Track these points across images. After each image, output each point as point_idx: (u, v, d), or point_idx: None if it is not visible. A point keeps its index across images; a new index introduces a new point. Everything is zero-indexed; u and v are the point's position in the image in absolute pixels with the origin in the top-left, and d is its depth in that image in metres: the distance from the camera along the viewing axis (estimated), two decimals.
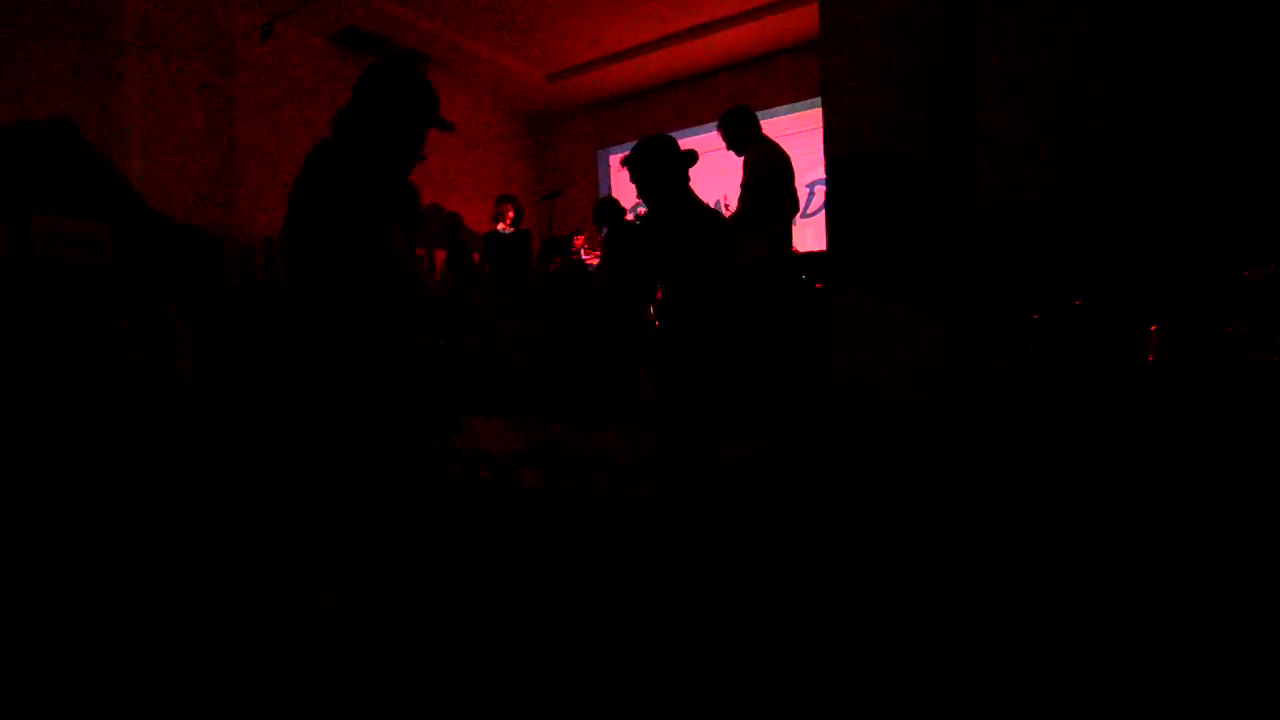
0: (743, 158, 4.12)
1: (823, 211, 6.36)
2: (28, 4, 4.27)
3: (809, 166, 7.07)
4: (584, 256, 5.87)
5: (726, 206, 4.70)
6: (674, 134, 8.90)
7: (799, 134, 7.13)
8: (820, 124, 2.68)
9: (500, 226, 5.26)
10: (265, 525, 3.00)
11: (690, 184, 2.58)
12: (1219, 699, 1.43)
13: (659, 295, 5.99)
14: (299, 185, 1.75)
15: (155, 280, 4.59)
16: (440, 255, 6.84)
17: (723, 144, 4.34)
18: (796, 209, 4.45)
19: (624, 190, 8.71)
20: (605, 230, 5.08)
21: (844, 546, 2.32)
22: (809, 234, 6.88)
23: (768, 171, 4.01)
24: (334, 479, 2.42)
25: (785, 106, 7.24)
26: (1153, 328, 3.15)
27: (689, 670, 1.59)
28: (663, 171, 2.49)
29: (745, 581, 2.10)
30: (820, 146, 2.70)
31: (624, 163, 2.52)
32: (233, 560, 2.57)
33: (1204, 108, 4.18)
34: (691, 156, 2.58)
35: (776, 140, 4.34)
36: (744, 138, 4.13)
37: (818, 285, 4.43)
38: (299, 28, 5.81)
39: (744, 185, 4.04)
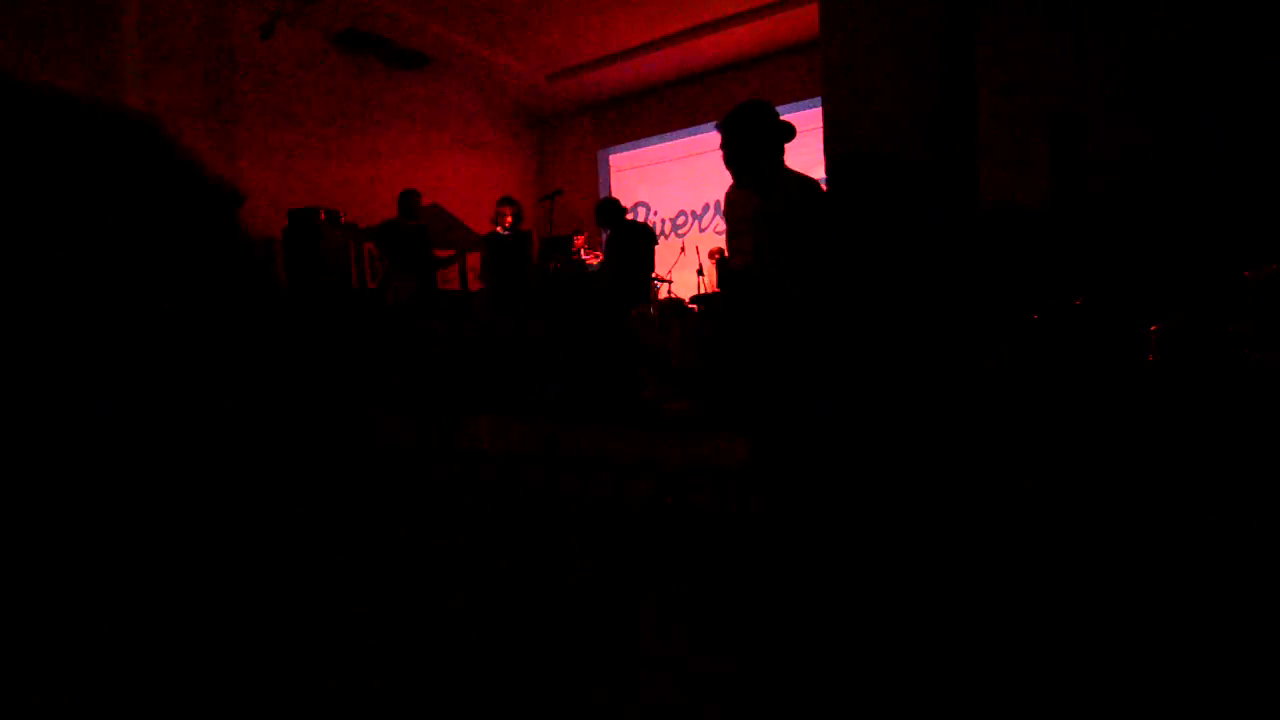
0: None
1: None
2: (28, 4, 4.27)
3: (809, 166, 7.05)
4: (584, 256, 5.87)
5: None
6: (674, 134, 8.83)
7: (799, 134, 7.13)
8: (820, 124, 2.69)
9: (498, 229, 5.27)
10: (263, 525, 3.00)
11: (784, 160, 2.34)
12: (1219, 698, 1.43)
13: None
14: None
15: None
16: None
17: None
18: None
19: (624, 190, 8.71)
20: (608, 231, 5.09)
21: (844, 546, 2.32)
22: None
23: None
24: (330, 479, 2.42)
25: (785, 106, 7.22)
26: (1153, 328, 3.15)
27: (689, 671, 1.59)
28: (756, 141, 2.23)
29: (745, 580, 2.10)
30: (820, 146, 2.71)
31: (719, 126, 2.30)
32: (232, 559, 2.57)
33: (1204, 108, 4.18)
34: (789, 131, 2.34)
35: None
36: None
37: None
38: (299, 28, 5.81)
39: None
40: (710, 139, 5.69)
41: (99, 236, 4.50)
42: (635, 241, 4.93)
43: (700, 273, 6.15)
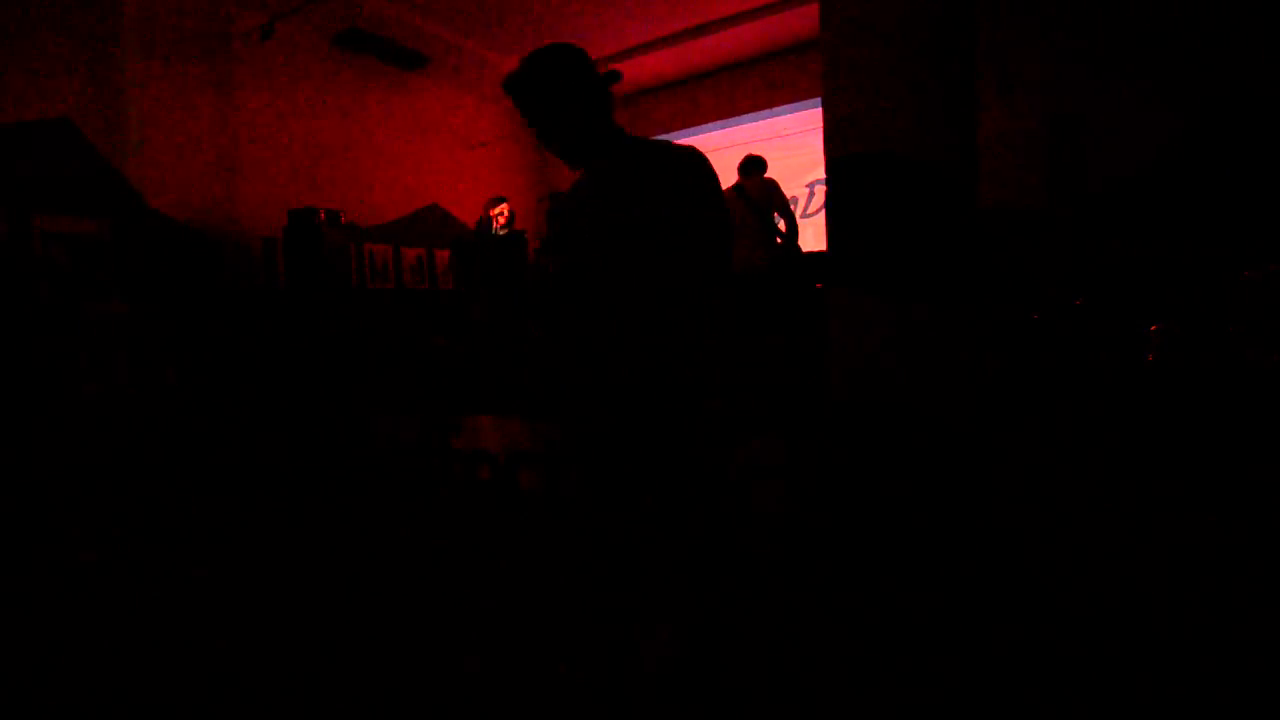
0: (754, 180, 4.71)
1: (823, 211, 6.35)
2: (28, 4, 4.26)
3: (809, 166, 7.06)
4: None
5: None
6: (675, 135, 8.93)
7: (799, 134, 7.13)
8: (820, 124, 2.69)
9: (497, 224, 5.27)
10: (264, 524, 3.00)
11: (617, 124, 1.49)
12: (1217, 697, 1.42)
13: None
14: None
15: (150, 279, 4.59)
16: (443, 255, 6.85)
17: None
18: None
19: None
20: None
21: (843, 544, 2.32)
22: (809, 234, 6.88)
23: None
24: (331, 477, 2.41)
25: (785, 106, 7.23)
26: (1153, 328, 3.15)
27: (687, 669, 1.58)
28: (572, 97, 1.40)
29: (745, 579, 2.10)
30: (820, 146, 2.71)
31: (507, 85, 1.46)
32: (233, 557, 2.57)
33: (1204, 108, 4.18)
34: (612, 76, 1.50)
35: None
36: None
37: (818, 285, 4.44)
38: (299, 28, 5.80)
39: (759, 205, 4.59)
40: (711, 138, 5.72)
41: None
42: None
43: None
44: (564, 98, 1.39)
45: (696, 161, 1.40)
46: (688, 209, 1.36)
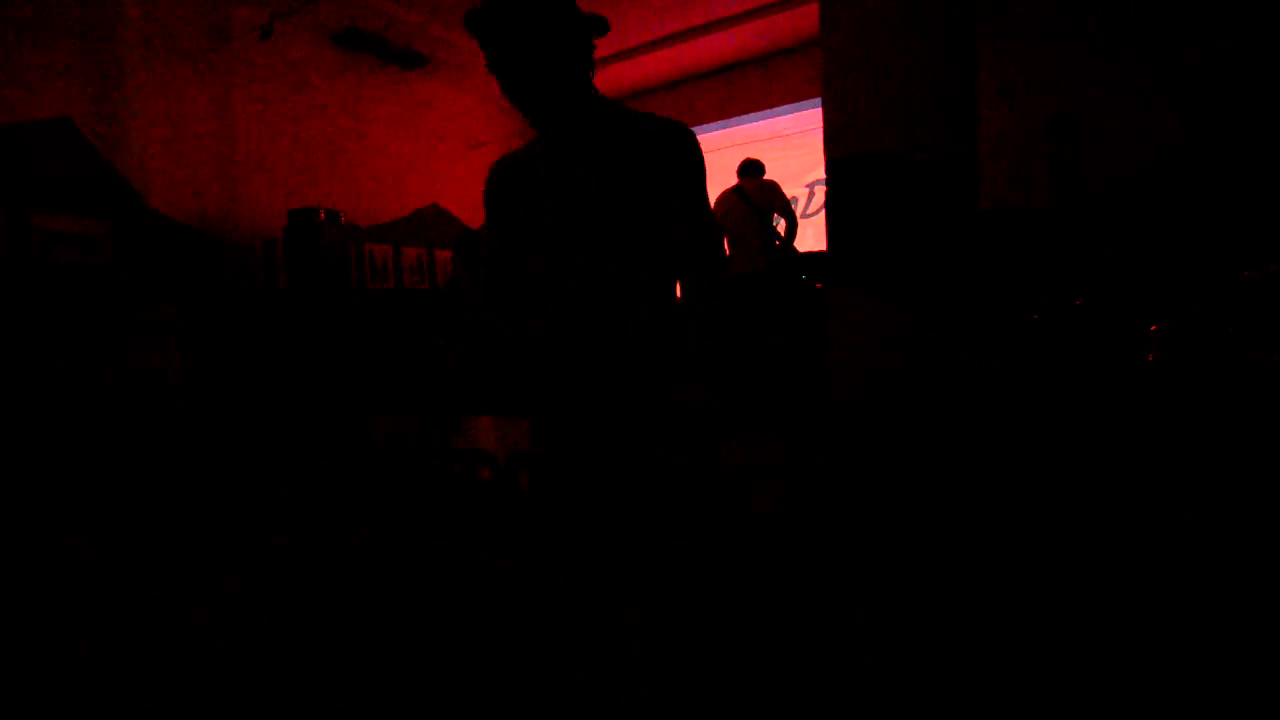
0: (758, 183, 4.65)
1: (823, 211, 6.35)
2: (28, 4, 4.26)
3: (809, 166, 7.07)
4: None
5: None
6: None
7: (799, 134, 7.13)
8: (820, 124, 2.69)
9: None
10: (264, 524, 3.00)
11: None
12: (1216, 697, 1.42)
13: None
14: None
15: (151, 280, 4.60)
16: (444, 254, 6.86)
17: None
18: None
19: None
20: None
21: (843, 544, 2.32)
22: (809, 234, 6.88)
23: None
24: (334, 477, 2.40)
25: (785, 106, 7.23)
26: (1153, 328, 3.15)
27: (687, 670, 1.58)
28: (558, 32, 1.16)
29: (744, 579, 2.10)
30: (820, 146, 2.71)
31: (465, 21, 1.16)
32: (233, 558, 2.57)
33: (1204, 107, 4.18)
34: (599, 25, 1.25)
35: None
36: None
37: (818, 285, 4.44)
38: (299, 27, 5.80)
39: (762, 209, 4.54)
40: (711, 139, 5.72)
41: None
42: None
43: None
44: (546, 32, 1.12)
45: (684, 139, 1.25)
46: (670, 192, 1.21)
